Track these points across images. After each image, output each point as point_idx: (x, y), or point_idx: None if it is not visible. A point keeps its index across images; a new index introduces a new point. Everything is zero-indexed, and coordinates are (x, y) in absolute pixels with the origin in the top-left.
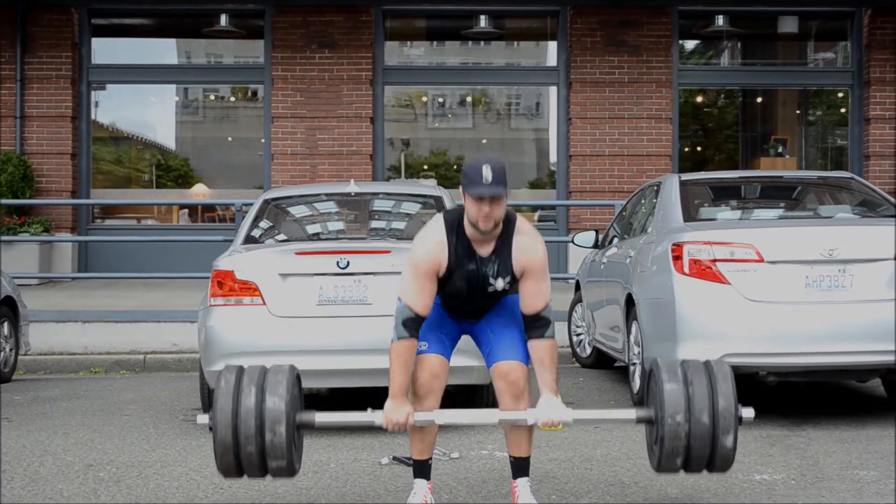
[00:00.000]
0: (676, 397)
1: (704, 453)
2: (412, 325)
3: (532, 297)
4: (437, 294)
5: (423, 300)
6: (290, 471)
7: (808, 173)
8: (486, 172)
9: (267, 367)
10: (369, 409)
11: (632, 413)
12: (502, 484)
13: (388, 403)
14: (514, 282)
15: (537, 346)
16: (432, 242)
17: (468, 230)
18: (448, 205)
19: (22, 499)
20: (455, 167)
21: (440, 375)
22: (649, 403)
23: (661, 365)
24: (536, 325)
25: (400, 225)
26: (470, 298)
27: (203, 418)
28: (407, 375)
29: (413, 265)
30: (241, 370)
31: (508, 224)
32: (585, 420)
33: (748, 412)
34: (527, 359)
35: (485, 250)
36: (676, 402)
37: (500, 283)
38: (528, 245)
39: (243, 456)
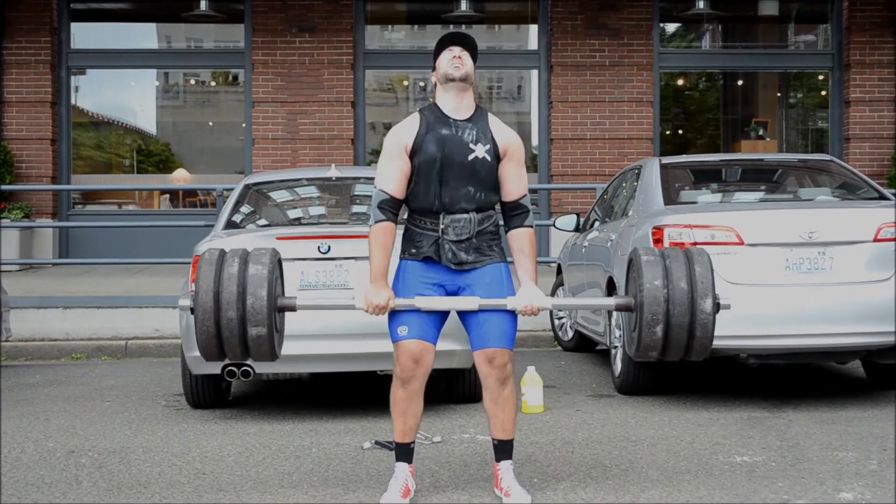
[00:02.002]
0: (654, 267)
1: (684, 321)
2: (388, 206)
3: (512, 183)
4: (411, 189)
5: (395, 181)
6: (270, 343)
7: (789, 156)
8: (455, 32)
9: (249, 250)
10: (351, 295)
11: (611, 301)
12: (484, 467)
13: (368, 286)
14: (497, 161)
15: (516, 235)
16: (401, 123)
17: (440, 99)
18: None
19: (3, 485)
20: None
21: (421, 360)
22: (629, 292)
23: (639, 248)
24: (515, 213)
25: None
26: (448, 174)
27: (185, 301)
28: (387, 258)
29: (384, 150)
30: (225, 249)
31: (481, 109)
32: (563, 306)
33: (727, 300)
34: (513, 344)
35: (461, 114)
36: (654, 270)
37: (480, 149)
38: (507, 129)
39: (223, 323)
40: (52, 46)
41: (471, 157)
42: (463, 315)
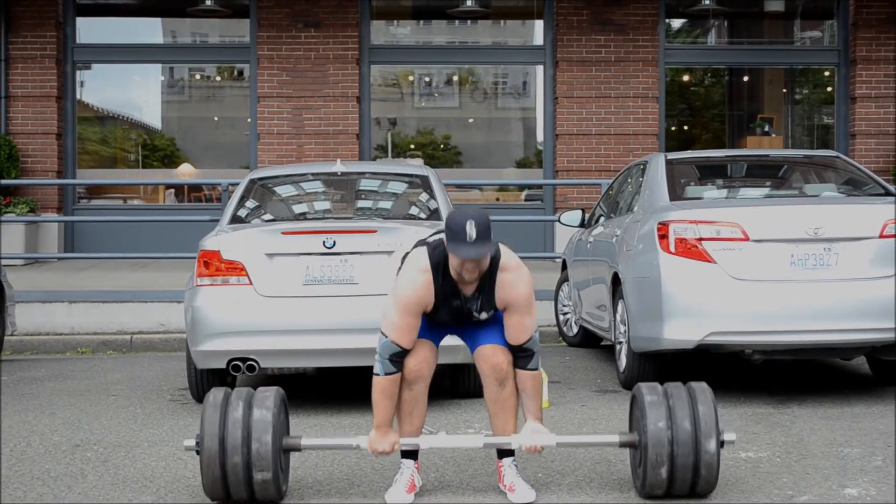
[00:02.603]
0: (658, 408)
1: (689, 461)
2: (398, 359)
3: (516, 331)
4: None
5: (409, 336)
6: (276, 487)
7: (794, 152)
8: (470, 229)
9: (253, 390)
10: (355, 438)
11: (615, 437)
12: (489, 463)
13: (373, 433)
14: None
15: (522, 377)
16: (419, 284)
17: (453, 272)
18: (434, 184)
19: (8, 479)
20: (441, 146)
21: (429, 360)
22: (633, 429)
23: (642, 386)
24: (521, 355)
25: (386, 204)
26: (455, 325)
27: (189, 441)
28: (392, 408)
29: (399, 303)
30: (228, 390)
31: (493, 261)
32: (568, 444)
33: (730, 435)
34: (507, 345)
35: (468, 290)
36: (658, 412)
37: (484, 315)
38: (512, 282)
39: (229, 467)
40: (57, 41)
41: (475, 320)
42: (459, 334)
